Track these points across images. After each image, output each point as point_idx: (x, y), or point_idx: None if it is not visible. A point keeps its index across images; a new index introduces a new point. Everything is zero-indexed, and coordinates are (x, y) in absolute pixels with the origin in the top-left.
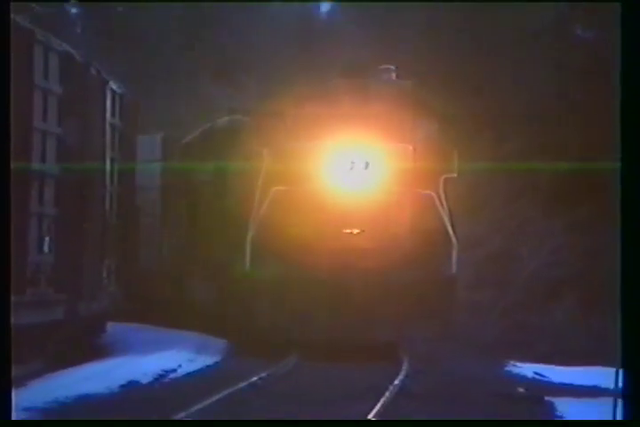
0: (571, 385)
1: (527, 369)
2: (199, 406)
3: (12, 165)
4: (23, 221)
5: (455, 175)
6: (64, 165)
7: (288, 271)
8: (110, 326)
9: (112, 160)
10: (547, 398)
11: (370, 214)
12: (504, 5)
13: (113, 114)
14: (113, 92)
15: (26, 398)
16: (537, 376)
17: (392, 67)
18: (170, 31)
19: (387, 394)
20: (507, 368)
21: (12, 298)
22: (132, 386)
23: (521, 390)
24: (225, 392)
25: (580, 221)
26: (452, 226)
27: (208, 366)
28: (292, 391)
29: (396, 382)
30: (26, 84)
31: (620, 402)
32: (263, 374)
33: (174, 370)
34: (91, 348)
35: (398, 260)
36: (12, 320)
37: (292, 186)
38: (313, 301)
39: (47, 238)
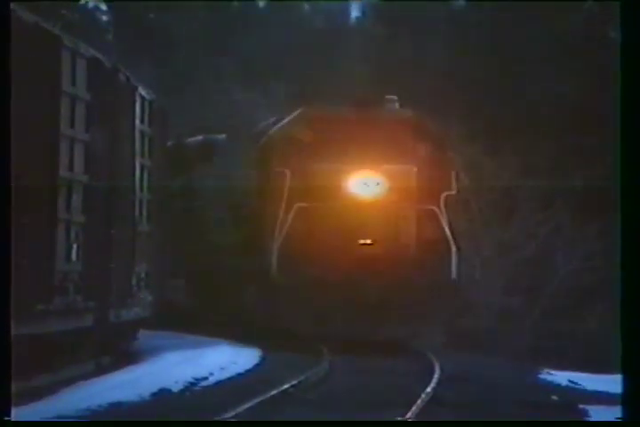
0: (605, 393)
1: (561, 377)
2: (231, 413)
3: (40, 173)
4: (51, 228)
5: (454, 193)
6: (92, 172)
7: (310, 277)
8: (142, 334)
9: (142, 167)
10: (580, 405)
11: (381, 227)
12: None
13: (142, 120)
14: (142, 98)
15: (58, 406)
16: (570, 384)
17: (395, 97)
18: (200, 37)
19: (418, 402)
20: (540, 376)
21: (40, 306)
22: (163, 394)
23: (554, 397)
24: (256, 400)
25: (613, 228)
26: (454, 237)
27: (240, 374)
28: (325, 399)
29: (429, 389)
30: (53, 90)
31: None
32: (295, 382)
33: (205, 378)
34: (122, 355)
35: (406, 266)
36: (41, 329)
37: (313, 203)
38: (333, 303)
39: (75, 246)
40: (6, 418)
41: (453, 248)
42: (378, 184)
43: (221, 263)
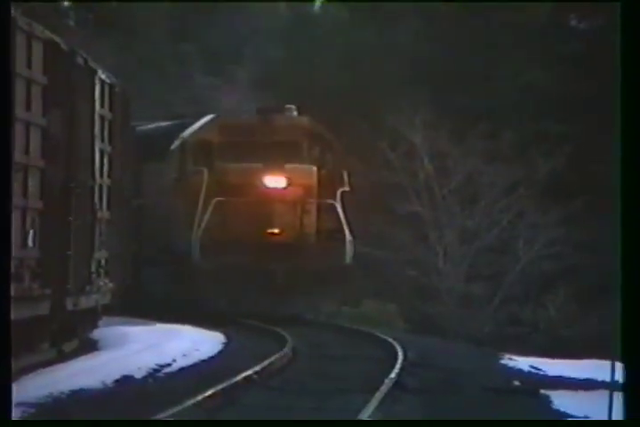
0: (566, 378)
1: (523, 363)
2: (193, 400)
3: None
4: (6, 215)
5: (348, 189)
6: (50, 157)
7: (226, 261)
8: (103, 321)
9: (102, 152)
10: (542, 391)
11: (286, 218)
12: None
13: (102, 104)
14: (102, 81)
15: (19, 393)
16: (532, 370)
17: (293, 106)
18: (163, 22)
19: (382, 387)
20: (502, 361)
21: None
22: (126, 381)
23: (516, 383)
24: (220, 387)
25: (575, 214)
26: (349, 227)
27: (203, 361)
28: (288, 385)
29: (392, 375)
30: (7, 72)
31: (616, 395)
32: (258, 368)
33: (169, 365)
34: (85, 342)
35: (308, 252)
36: None
37: (228, 197)
38: (245, 283)
39: (32, 232)
40: (6, 418)
41: (348, 237)
42: (283, 181)
43: (161, 250)
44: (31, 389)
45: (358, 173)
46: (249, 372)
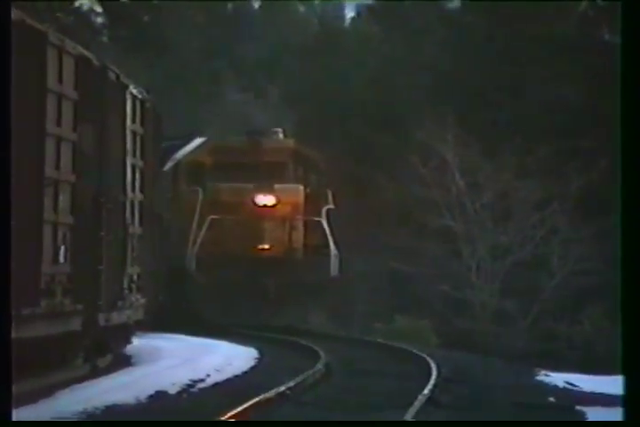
0: (602, 394)
1: (558, 378)
2: (226, 416)
3: (26, 172)
4: (37, 230)
5: (333, 207)
6: (81, 172)
7: (220, 274)
8: (136, 337)
9: (133, 167)
10: (578, 407)
11: (276, 235)
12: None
13: (133, 120)
14: (133, 97)
15: (54, 409)
16: (567, 386)
17: (280, 129)
18: (194, 39)
19: (416, 404)
20: (537, 377)
21: (27, 310)
22: (159, 396)
23: (551, 399)
24: (252, 402)
25: (610, 230)
26: (335, 242)
27: (236, 376)
28: (321, 401)
29: (426, 391)
30: (38, 88)
31: None
32: (291, 384)
33: (202, 380)
34: (119, 358)
35: (296, 266)
36: (28, 333)
37: (222, 215)
38: (238, 295)
39: (63, 248)
40: (6, 418)
41: (333, 252)
42: (273, 200)
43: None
44: (65, 404)
45: (387, 188)
46: (282, 387)
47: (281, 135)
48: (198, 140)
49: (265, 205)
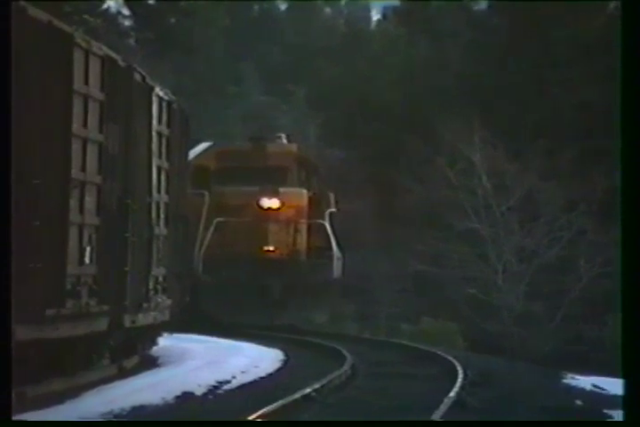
0: None
1: (585, 382)
2: (252, 417)
3: (52, 174)
4: (63, 231)
5: (335, 210)
6: (106, 173)
7: (226, 275)
8: (163, 338)
9: (159, 169)
10: (605, 410)
11: (280, 237)
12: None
13: (159, 121)
14: (160, 98)
15: (81, 409)
16: (595, 389)
17: (283, 134)
18: (221, 41)
19: (441, 407)
20: (564, 380)
21: (52, 310)
22: (186, 397)
23: (579, 402)
24: (278, 404)
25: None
26: (338, 244)
27: (262, 378)
28: (347, 403)
29: (452, 394)
30: (64, 89)
31: None
32: (317, 386)
33: (228, 382)
34: (144, 359)
35: (300, 268)
36: (54, 333)
37: (228, 218)
38: (244, 295)
39: (89, 249)
40: (7, 418)
41: (336, 254)
42: (277, 203)
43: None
44: (93, 405)
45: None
46: (308, 389)
47: (284, 140)
48: (204, 145)
49: (270, 208)
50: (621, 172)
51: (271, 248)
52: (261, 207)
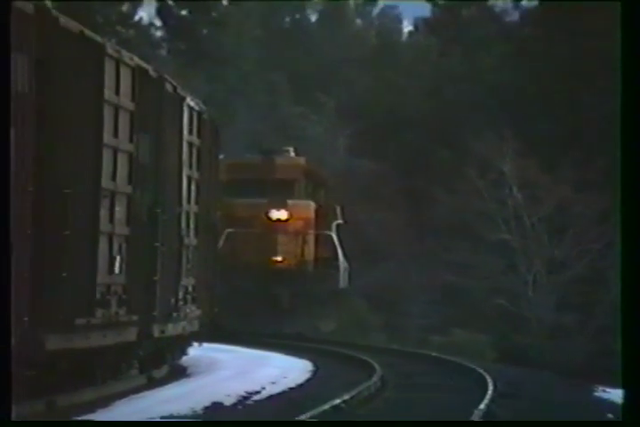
0: None
1: (616, 395)
2: None
3: (82, 183)
4: (93, 240)
5: (342, 222)
6: (137, 183)
7: (237, 285)
8: (192, 348)
9: (189, 179)
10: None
11: (288, 248)
12: None
13: (190, 131)
14: (190, 108)
15: (110, 419)
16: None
17: (291, 148)
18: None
19: (472, 418)
20: (595, 393)
21: (82, 320)
22: (215, 408)
23: (610, 416)
24: (308, 415)
25: None
26: (345, 255)
27: (291, 389)
28: (376, 415)
29: (482, 406)
30: (95, 99)
31: None
32: (346, 397)
33: (257, 392)
34: (173, 369)
35: (307, 278)
36: (83, 343)
37: (238, 229)
38: (254, 303)
39: (118, 258)
40: (7, 418)
41: (342, 264)
42: (286, 215)
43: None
44: (122, 415)
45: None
46: (337, 400)
47: (292, 153)
48: None
49: (278, 220)
50: (621, 171)
51: (279, 258)
52: (270, 219)
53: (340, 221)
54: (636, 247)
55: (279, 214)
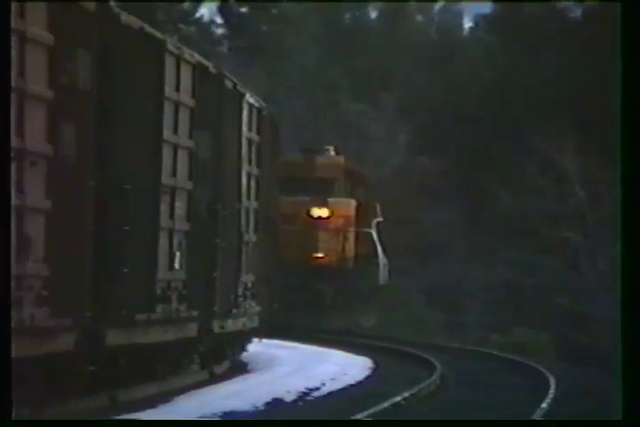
0: None
1: None
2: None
3: (143, 179)
4: (153, 236)
5: (382, 219)
6: (197, 179)
7: (280, 281)
8: (252, 344)
9: (249, 175)
10: None
11: (329, 245)
12: None
13: (250, 128)
14: (250, 105)
15: (172, 414)
16: None
17: (331, 147)
18: (312, 49)
19: (533, 418)
20: None
21: (142, 315)
22: (275, 404)
23: None
24: (368, 412)
25: None
26: (384, 251)
27: (351, 386)
28: (436, 413)
29: (544, 404)
30: (156, 95)
31: None
32: (406, 394)
33: (317, 389)
34: (234, 365)
35: (348, 274)
36: (144, 338)
37: (282, 226)
38: (296, 299)
39: (178, 254)
40: (7, 418)
41: (382, 261)
42: (327, 212)
43: None
44: (185, 410)
45: (504, 199)
46: (397, 398)
47: (332, 152)
48: None
49: (319, 217)
50: (621, 171)
51: (321, 255)
52: (312, 216)
53: (379, 219)
54: (636, 247)
55: (320, 212)
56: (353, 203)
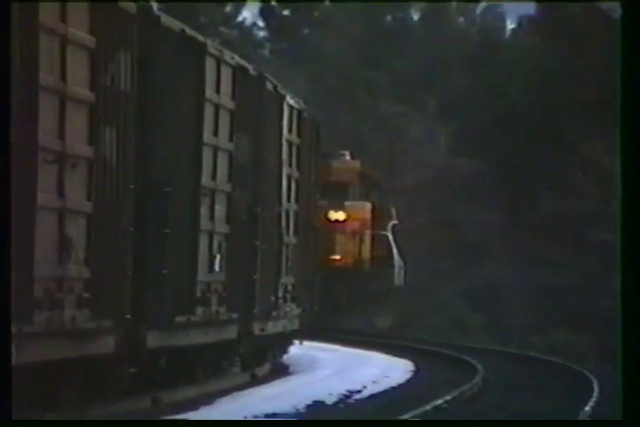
0: None
1: None
2: None
3: (183, 181)
4: (193, 238)
5: (397, 222)
6: (237, 182)
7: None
8: (293, 346)
9: (289, 178)
10: None
11: (346, 247)
12: None
13: (290, 130)
14: (290, 107)
15: (214, 416)
16: None
17: (346, 151)
18: (352, 51)
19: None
20: None
21: (182, 317)
22: (317, 406)
23: None
24: (410, 414)
25: None
26: (400, 254)
27: (392, 388)
28: (477, 416)
29: (587, 408)
30: (196, 97)
31: None
32: (448, 397)
33: (359, 391)
34: (275, 367)
35: (365, 276)
36: (184, 341)
37: None
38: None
39: (218, 256)
40: (7, 418)
41: (398, 263)
42: (344, 215)
43: None
44: (227, 412)
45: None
46: (439, 401)
47: (348, 157)
48: None
49: (337, 220)
50: (621, 171)
51: (337, 257)
52: (329, 219)
53: (395, 222)
54: (636, 247)
55: (337, 215)
56: (368, 206)
